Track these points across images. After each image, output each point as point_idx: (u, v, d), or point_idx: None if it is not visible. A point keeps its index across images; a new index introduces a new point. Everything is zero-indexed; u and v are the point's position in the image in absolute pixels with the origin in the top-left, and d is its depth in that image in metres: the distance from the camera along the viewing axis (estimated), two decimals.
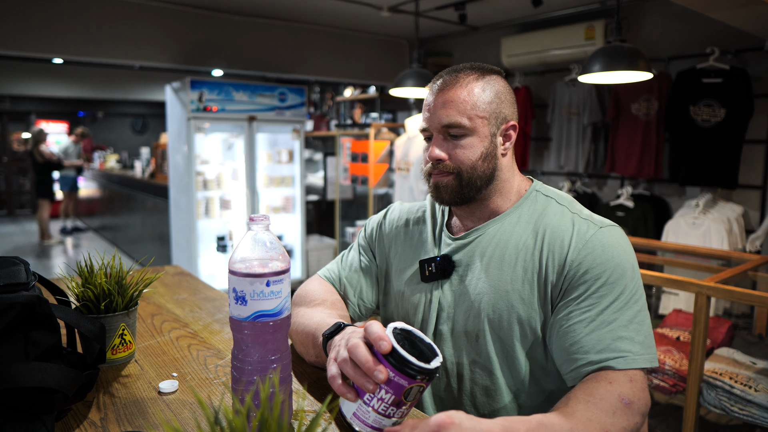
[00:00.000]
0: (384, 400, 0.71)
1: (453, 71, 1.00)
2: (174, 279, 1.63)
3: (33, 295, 0.74)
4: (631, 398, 0.80)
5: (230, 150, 4.86)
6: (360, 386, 0.72)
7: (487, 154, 0.99)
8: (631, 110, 3.56)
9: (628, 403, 0.80)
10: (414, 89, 3.18)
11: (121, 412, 0.83)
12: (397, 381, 0.70)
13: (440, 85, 1.00)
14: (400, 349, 0.70)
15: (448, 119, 0.97)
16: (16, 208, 10.51)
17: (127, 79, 7.90)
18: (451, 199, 1.00)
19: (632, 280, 0.89)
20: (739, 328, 2.96)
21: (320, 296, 1.10)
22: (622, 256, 0.90)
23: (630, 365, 0.83)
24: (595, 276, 0.88)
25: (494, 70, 1.01)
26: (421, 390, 0.72)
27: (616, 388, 0.81)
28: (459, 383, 0.98)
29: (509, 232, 0.99)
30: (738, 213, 3.16)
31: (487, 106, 0.98)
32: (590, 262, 0.89)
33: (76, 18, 3.69)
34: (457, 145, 0.98)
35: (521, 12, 3.98)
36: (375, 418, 0.72)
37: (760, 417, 2.04)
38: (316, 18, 4.43)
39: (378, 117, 4.93)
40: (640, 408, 0.81)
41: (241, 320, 0.73)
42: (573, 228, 0.93)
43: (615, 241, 0.92)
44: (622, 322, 0.86)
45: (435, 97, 0.99)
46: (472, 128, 0.97)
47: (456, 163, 0.98)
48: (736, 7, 2.41)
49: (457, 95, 0.97)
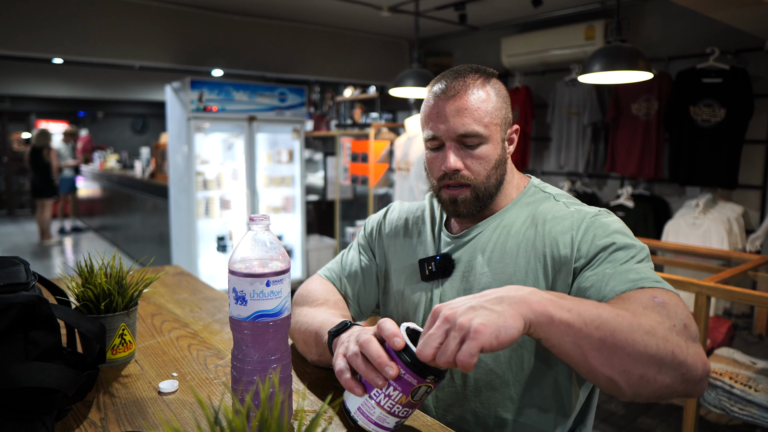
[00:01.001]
0: (391, 397, 0.71)
1: (457, 75, 0.97)
2: (174, 279, 1.63)
3: (33, 295, 0.74)
4: (665, 300, 0.77)
5: (230, 150, 4.86)
6: (369, 381, 0.72)
7: (500, 161, 0.98)
8: (631, 110, 3.56)
9: (662, 303, 0.76)
10: (414, 89, 3.18)
11: (121, 412, 0.83)
12: (407, 379, 0.70)
13: (447, 90, 0.95)
14: (413, 347, 0.70)
15: (464, 128, 0.94)
16: (16, 208, 10.52)
17: (127, 79, 7.90)
18: (469, 212, 0.99)
19: (641, 250, 0.88)
20: (739, 328, 2.96)
21: (322, 296, 1.10)
22: (624, 231, 0.91)
23: (662, 286, 0.80)
24: (604, 245, 0.88)
25: (494, 73, 1.00)
26: (428, 390, 0.73)
27: (649, 292, 0.79)
28: (463, 378, 0.98)
29: (509, 227, 0.99)
30: (738, 213, 3.16)
31: (498, 112, 0.97)
32: (595, 239, 0.89)
33: (76, 18, 3.69)
34: (472, 154, 0.96)
35: (521, 12, 3.98)
36: (380, 415, 0.73)
37: (760, 417, 2.04)
38: (316, 18, 4.43)
39: (378, 117, 4.93)
40: (677, 314, 0.75)
41: (241, 320, 0.73)
42: (572, 217, 0.94)
43: (613, 220, 0.93)
44: (643, 270, 0.84)
45: (445, 103, 0.95)
46: (487, 136, 0.95)
47: (473, 173, 0.96)
48: (736, 7, 2.41)
49: (468, 102, 0.94)
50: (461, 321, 0.64)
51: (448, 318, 0.66)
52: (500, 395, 0.95)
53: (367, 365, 0.73)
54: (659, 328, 0.71)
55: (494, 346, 0.63)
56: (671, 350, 0.70)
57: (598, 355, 0.68)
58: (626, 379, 0.69)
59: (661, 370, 0.70)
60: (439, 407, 1.01)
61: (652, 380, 0.70)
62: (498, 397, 0.96)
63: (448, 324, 0.66)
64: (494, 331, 0.63)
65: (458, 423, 0.99)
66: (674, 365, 0.70)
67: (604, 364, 0.68)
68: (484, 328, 0.62)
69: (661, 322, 0.72)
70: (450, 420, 0.99)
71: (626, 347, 0.68)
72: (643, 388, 0.70)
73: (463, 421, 0.98)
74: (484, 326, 0.63)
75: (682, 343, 0.72)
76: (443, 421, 0.99)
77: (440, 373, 0.71)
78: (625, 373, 0.69)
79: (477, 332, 0.62)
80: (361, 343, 0.74)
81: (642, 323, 0.70)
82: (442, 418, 1.00)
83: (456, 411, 0.99)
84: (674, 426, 2.67)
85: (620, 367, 0.69)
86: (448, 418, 1.00)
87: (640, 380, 0.70)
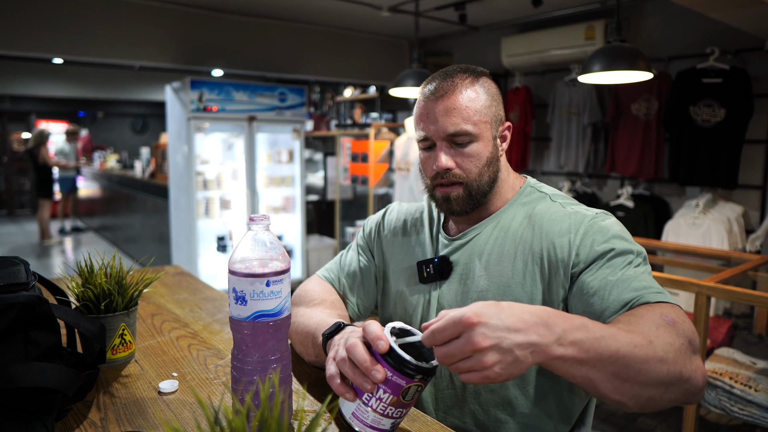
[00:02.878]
0: (382, 399, 0.71)
1: (446, 75, 0.98)
2: (174, 279, 1.63)
3: (33, 295, 0.74)
4: (674, 318, 0.77)
5: (230, 150, 4.86)
6: (358, 386, 0.72)
7: (492, 158, 0.99)
8: (631, 110, 3.56)
9: (672, 322, 0.76)
10: (414, 89, 3.17)
11: (121, 412, 0.83)
12: (395, 381, 0.70)
13: (436, 91, 0.97)
14: (397, 349, 0.70)
15: (454, 128, 0.95)
16: (16, 208, 10.51)
17: (127, 79, 7.90)
18: (463, 209, 0.99)
19: (639, 254, 0.89)
20: (739, 328, 2.96)
21: (319, 296, 1.10)
22: (622, 234, 0.91)
23: (666, 299, 0.81)
24: (602, 251, 0.88)
25: (484, 72, 1.01)
26: (420, 389, 0.73)
27: (658, 309, 0.79)
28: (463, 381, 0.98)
29: (506, 228, 0.99)
30: (738, 213, 3.16)
31: (487, 110, 0.97)
32: (594, 244, 0.89)
33: (76, 18, 3.69)
34: (463, 153, 0.96)
35: (521, 12, 3.98)
36: (374, 418, 0.73)
37: (760, 417, 2.04)
38: (316, 18, 4.43)
39: (378, 117, 4.93)
40: (685, 331, 0.76)
41: (241, 320, 0.73)
42: (569, 219, 0.93)
43: (611, 222, 0.93)
44: (644, 278, 0.85)
45: (434, 104, 0.96)
46: (477, 134, 0.96)
47: (464, 171, 0.97)
48: (736, 7, 2.41)
49: (457, 101, 0.95)
50: (485, 360, 0.62)
51: (470, 323, 0.63)
52: (500, 397, 0.96)
53: (354, 370, 0.73)
54: (671, 351, 0.72)
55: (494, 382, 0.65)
56: (679, 371, 0.72)
57: (610, 385, 0.69)
58: (635, 402, 0.71)
59: (668, 389, 0.71)
60: (439, 409, 1.01)
61: (659, 399, 0.72)
62: (497, 399, 0.96)
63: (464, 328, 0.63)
64: (503, 379, 0.64)
65: (458, 425, 0.99)
66: (680, 383, 0.72)
67: (614, 392, 0.69)
68: (496, 377, 0.64)
69: (672, 344, 0.73)
70: (450, 422, 0.99)
71: (639, 377, 0.69)
72: (650, 406, 0.72)
73: (464, 423, 0.98)
74: (498, 376, 0.64)
75: (687, 361, 0.73)
76: (444, 423, 0.99)
77: (429, 372, 0.71)
78: (634, 397, 0.70)
79: (487, 377, 0.63)
80: (348, 348, 0.74)
81: (657, 351, 0.70)
82: (442, 420, 1.00)
83: (456, 413, 0.99)
84: (674, 426, 2.67)
85: (630, 393, 0.70)
86: (448, 421, 1.00)
87: (648, 401, 0.71)
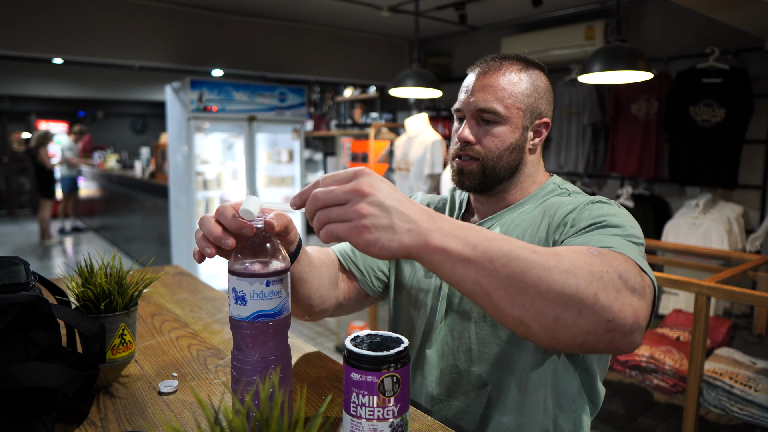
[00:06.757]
0: (366, 405, 0.70)
1: (498, 57, 1.01)
2: (174, 279, 1.63)
3: (33, 295, 0.74)
4: (602, 252, 0.70)
5: (230, 150, 4.86)
6: (201, 249, 0.72)
7: (516, 146, 0.99)
8: (631, 110, 3.56)
9: (597, 252, 0.69)
10: (414, 89, 3.17)
11: (121, 412, 0.83)
12: (367, 380, 0.69)
13: (482, 68, 1.00)
14: (353, 348, 0.69)
15: (484, 104, 0.97)
16: (16, 208, 10.52)
17: (127, 79, 7.91)
18: (472, 185, 1.01)
19: (632, 235, 0.83)
20: (739, 328, 2.96)
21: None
22: (622, 213, 0.88)
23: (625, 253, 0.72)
24: (596, 221, 0.85)
25: (539, 65, 1.02)
26: (396, 380, 0.70)
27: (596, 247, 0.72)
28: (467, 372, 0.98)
29: (520, 219, 1.00)
30: (738, 213, 3.16)
31: (525, 98, 0.99)
32: (590, 215, 0.87)
33: (76, 18, 3.69)
34: (489, 131, 0.98)
35: (521, 12, 3.98)
36: (370, 427, 0.71)
37: (760, 417, 2.04)
38: (316, 18, 4.43)
39: (378, 117, 4.93)
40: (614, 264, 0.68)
41: (240, 320, 0.73)
42: (576, 201, 0.93)
43: (620, 211, 0.90)
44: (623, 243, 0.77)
45: (477, 79, 0.99)
46: (506, 117, 0.97)
47: (484, 149, 0.98)
48: (736, 7, 2.41)
49: (497, 81, 0.97)
50: (361, 207, 0.60)
51: (358, 191, 0.60)
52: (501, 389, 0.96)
53: (202, 237, 0.72)
54: (584, 268, 0.64)
55: (358, 248, 0.61)
56: (594, 292, 0.63)
57: (505, 293, 0.62)
58: (539, 322, 0.63)
59: (581, 313, 0.62)
60: (442, 400, 1.01)
61: (570, 324, 0.63)
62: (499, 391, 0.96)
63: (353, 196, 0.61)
64: (371, 245, 0.60)
65: (460, 416, 0.99)
66: (597, 309, 0.63)
67: (512, 304, 0.62)
68: (363, 231, 0.60)
69: (589, 264, 0.65)
70: (452, 414, 0.99)
71: (539, 285, 0.62)
72: (560, 333, 0.63)
73: (465, 414, 0.99)
74: (366, 231, 0.60)
75: (610, 288, 0.64)
76: (446, 416, 1.00)
77: (392, 360, 0.68)
78: (537, 314, 0.62)
79: (354, 227, 0.60)
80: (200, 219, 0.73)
81: (562, 262, 0.63)
82: (447, 404, 1.00)
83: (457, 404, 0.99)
84: (674, 426, 2.67)
85: (531, 307, 0.62)
86: (449, 414, 1.00)
87: (556, 323, 0.63)
